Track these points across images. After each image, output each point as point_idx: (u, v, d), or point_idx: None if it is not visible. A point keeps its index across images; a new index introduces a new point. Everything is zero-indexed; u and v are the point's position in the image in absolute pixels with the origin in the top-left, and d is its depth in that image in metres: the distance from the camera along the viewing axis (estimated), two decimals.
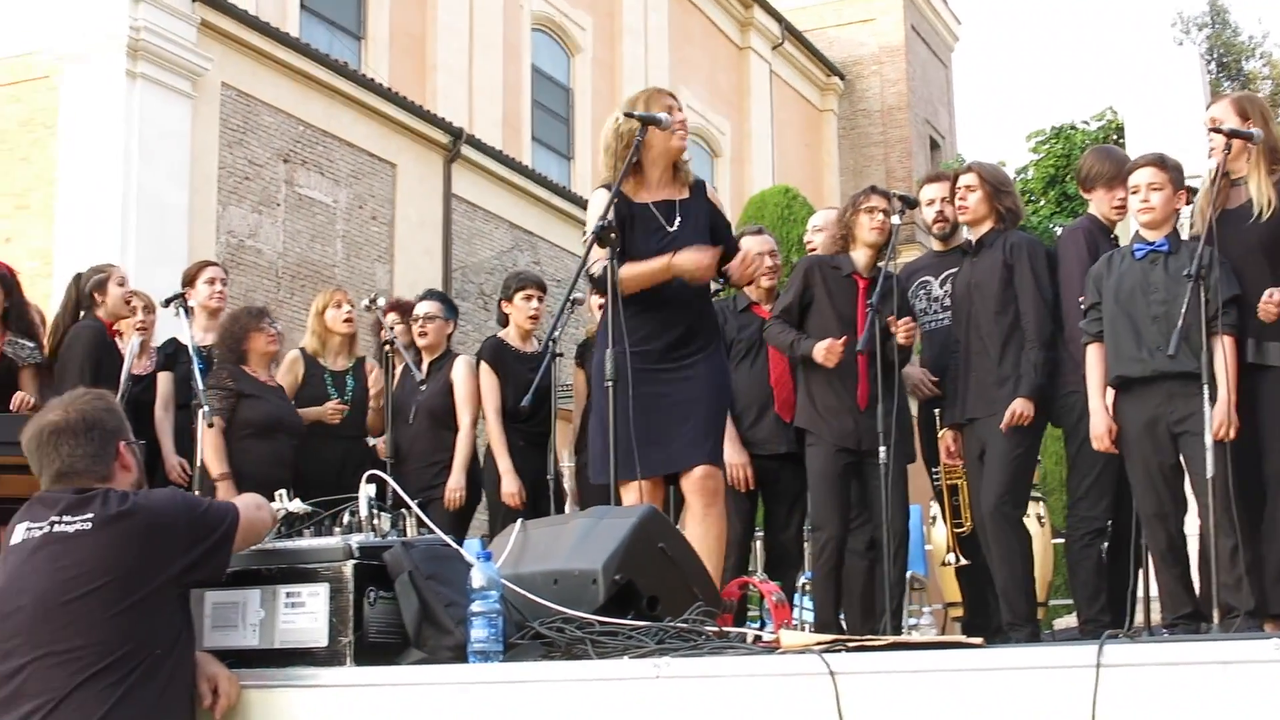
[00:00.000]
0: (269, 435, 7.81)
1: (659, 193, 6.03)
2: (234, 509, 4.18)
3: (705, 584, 4.63)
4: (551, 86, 27.33)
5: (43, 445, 4.08)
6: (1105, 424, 6.14)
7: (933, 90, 39.47)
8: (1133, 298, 6.11)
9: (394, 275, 20.41)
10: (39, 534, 3.96)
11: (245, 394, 7.80)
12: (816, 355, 6.71)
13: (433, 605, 4.16)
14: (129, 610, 3.85)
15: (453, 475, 7.97)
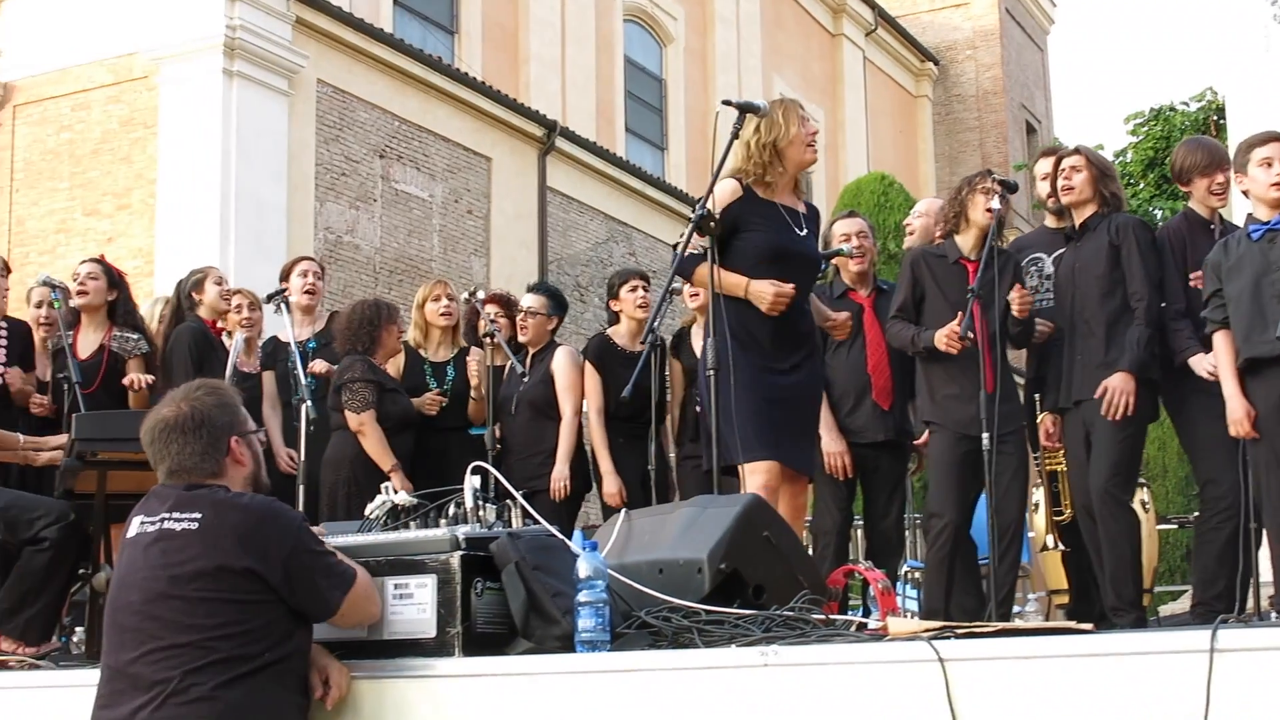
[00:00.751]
0: (401, 430, 7.87)
1: (784, 199, 6.23)
2: (354, 573, 4.14)
3: (811, 572, 4.62)
4: (644, 77, 27.35)
5: (155, 441, 4.14)
6: (1243, 408, 6.01)
7: (1028, 74, 39.13)
8: (1255, 279, 6.02)
9: (490, 268, 20.50)
10: (151, 529, 4.01)
11: (386, 387, 7.86)
12: (938, 344, 6.65)
13: (539, 595, 4.17)
14: (235, 608, 3.89)
15: (557, 465, 7.98)
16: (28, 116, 18.29)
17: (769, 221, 6.09)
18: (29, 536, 5.99)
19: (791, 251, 6.13)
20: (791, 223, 6.15)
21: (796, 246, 6.17)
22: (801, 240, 6.19)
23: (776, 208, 6.13)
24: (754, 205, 6.09)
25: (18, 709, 4.93)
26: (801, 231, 6.19)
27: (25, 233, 17.87)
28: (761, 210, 6.10)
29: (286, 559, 3.96)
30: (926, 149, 36.61)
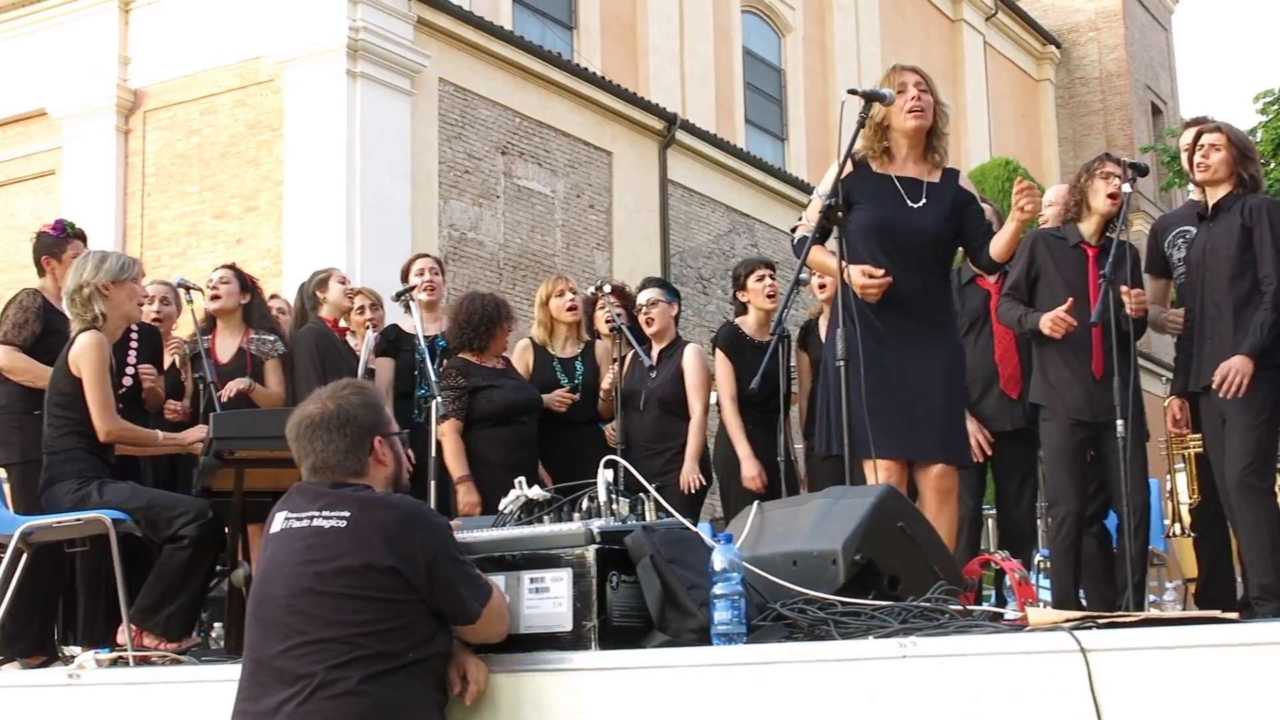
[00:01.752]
0: (508, 421, 7.91)
1: (906, 170, 6.04)
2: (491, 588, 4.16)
3: (947, 563, 4.59)
4: (763, 67, 27.30)
5: (300, 438, 4.19)
6: None
7: (1152, 55, 38.54)
8: None
9: (613, 263, 20.56)
10: (299, 525, 4.06)
11: (478, 387, 7.90)
12: (1044, 327, 6.58)
13: (675, 588, 4.17)
14: (380, 606, 3.93)
15: (687, 462, 7.98)
16: (158, 122, 18.61)
17: (878, 196, 5.97)
18: (169, 535, 6.11)
19: (895, 226, 5.94)
20: (907, 194, 5.96)
21: (902, 220, 5.95)
22: (912, 213, 5.95)
23: (890, 180, 5.98)
24: (864, 180, 5.99)
25: (161, 703, 5.03)
26: (917, 203, 5.96)
27: (157, 236, 18.18)
28: (872, 185, 5.99)
29: (431, 563, 3.99)
30: (1050, 133, 36.19)
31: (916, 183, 5.99)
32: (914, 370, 5.85)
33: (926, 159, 6.04)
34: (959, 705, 3.54)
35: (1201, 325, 6.59)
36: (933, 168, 6.05)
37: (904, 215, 5.95)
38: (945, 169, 6.08)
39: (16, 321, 7.07)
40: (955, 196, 6.02)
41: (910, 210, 5.95)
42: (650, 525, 4.41)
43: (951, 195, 6.02)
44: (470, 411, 7.82)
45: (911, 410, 5.82)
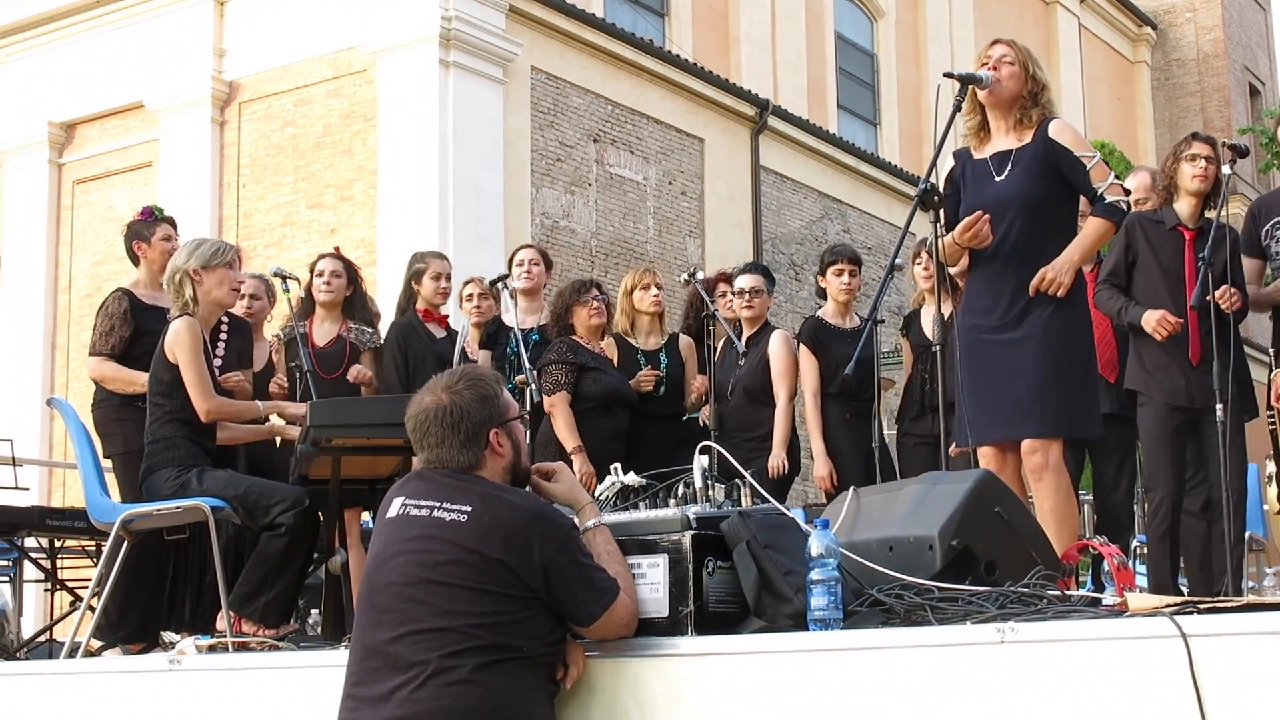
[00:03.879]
0: (609, 410, 7.95)
1: (1000, 144, 5.93)
2: (617, 590, 4.12)
3: (1044, 548, 4.56)
4: (855, 52, 27.16)
5: (417, 429, 4.20)
6: None
7: (1250, 35, 37.98)
8: None
9: (705, 249, 20.56)
10: (419, 514, 4.06)
11: (587, 366, 7.96)
12: (1147, 326, 6.52)
13: (771, 574, 4.17)
14: (496, 599, 3.93)
15: (774, 449, 8.01)
16: (252, 113, 18.79)
17: (973, 181, 5.94)
18: (267, 523, 6.18)
19: (977, 206, 5.84)
20: (995, 170, 5.88)
21: (985, 196, 5.86)
22: (995, 186, 5.86)
23: (984, 163, 5.92)
24: (966, 169, 5.98)
25: (261, 689, 5.09)
26: (1002, 174, 5.86)
27: (252, 226, 18.37)
28: (970, 172, 5.96)
29: (548, 564, 3.98)
30: (1145, 115, 35.76)
31: (1006, 154, 5.90)
32: (1007, 348, 5.77)
33: (1021, 125, 5.91)
34: (1058, 691, 3.53)
35: None
36: (1026, 131, 5.90)
37: (988, 191, 5.88)
38: (1042, 123, 5.88)
39: (103, 330, 7.15)
40: (1046, 151, 5.81)
41: (994, 185, 5.88)
42: (746, 511, 4.41)
43: (1042, 151, 5.82)
44: (577, 389, 7.88)
45: (1001, 391, 5.76)
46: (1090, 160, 5.75)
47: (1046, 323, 5.73)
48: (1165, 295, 6.63)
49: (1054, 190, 5.81)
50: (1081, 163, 5.78)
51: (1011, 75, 5.87)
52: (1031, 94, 5.88)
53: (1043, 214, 5.81)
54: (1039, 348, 5.72)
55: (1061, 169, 5.79)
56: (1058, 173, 5.80)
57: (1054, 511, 5.66)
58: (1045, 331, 5.74)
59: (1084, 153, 5.80)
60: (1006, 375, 5.74)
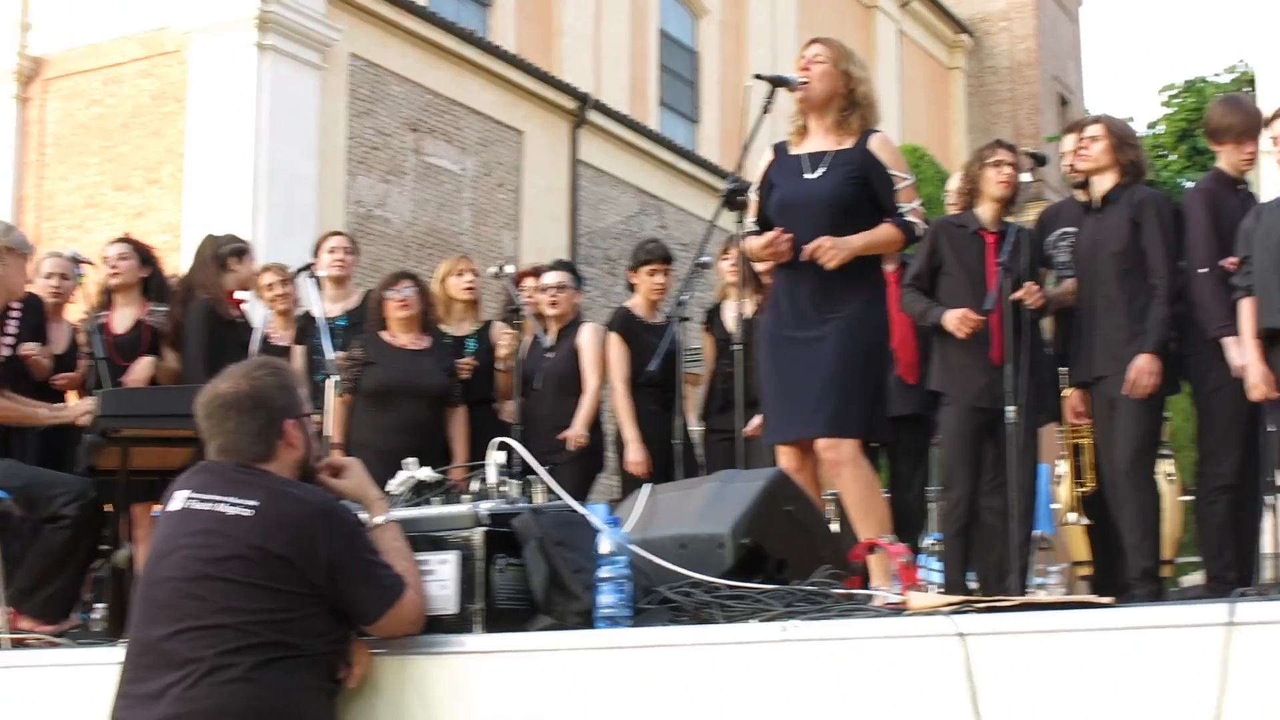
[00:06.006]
0: (389, 402, 7.86)
1: (816, 143, 5.90)
2: (402, 587, 4.06)
3: (833, 546, 4.62)
4: (678, 49, 27.29)
5: (211, 416, 4.08)
6: (1261, 372, 6.04)
7: (1061, 46, 38.90)
8: (1278, 249, 6.02)
9: (521, 242, 20.52)
10: (201, 508, 3.96)
11: (369, 362, 7.88)
12: (948, 324, 6.62)
13: (561, 571, 4.17)
14: (276, 596, 3.85)
15: (575, 425, 8.02)
16: (58, 91, 18.35)
17: (784, 177, 5.91)
18: (48, 514, 6.00)
19: (789, 200, 5.85)
20: (808, 167, 5.85)
21: (796, 194, 5.84)
22: (806, 184, 5.83)
23: (797, 159, 5.89)
24: (779, 164, 5.95)
25: (37, 687, 4.94)
26: (815, 173, 5.83)
27: (54, 208, 17.93)
28: (783, 167, 5.94)
29: (333, 561, 3.91)
30: (959, 121, 36.43)
31: (821, 154, 5.86)
32: (804, 347, 5.75)
33: (841, 128, 5.87)
34: (838, 688, 3.57)
35: (1092, 317, 6.66)
36: (848, 135, 5.86)
37: (797, 188, 5.85)
38: (865, 133, 5.85)
39: None
40: (863, 161, 5.80)
41: (804, 183, 5.85)
42: (539, 508, 4.39)
43: (859, 159, 5.80)
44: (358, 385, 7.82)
45: (797, 389, 5.75)
46: (902, 181, 5.80)
47: (843, 323, 5.73)
48: (968, 298, 6.72)
49: (863, 198, 5.80)
50: (893, 181, 5.80)
51: (823, 75, 5.84)
52: (848, 93, 5.85)
53: (846, 218, 5.75)
54: (835, 348, 5.70)
55: (872, 179, 5.79)
56: (867, 182, 5.79)
57: (857, 505, 5.69)
58: (841, 332, 5.72)
59: (898, 172, 5.84)
60: (802, 374, 5.74)
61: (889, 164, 5.82)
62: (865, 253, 5.75)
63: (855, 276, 5.76)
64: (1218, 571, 6.49)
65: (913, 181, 5.91)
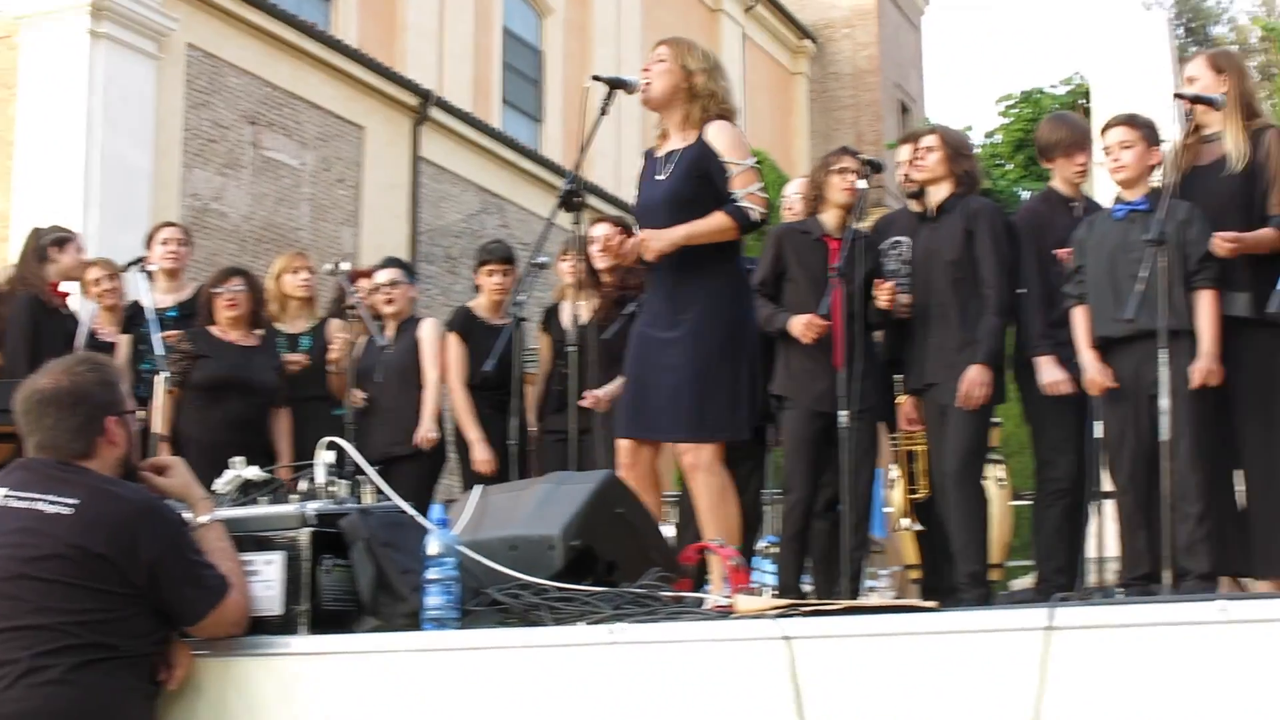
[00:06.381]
0: (219, 397, 7.77)
1: (674, 143, 5.89)
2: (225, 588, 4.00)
3: (664, 549, 4.63)
4: (522, 48, 27.22)
5: (30, 412, 3.99)
6: (1097, 369, 6.16)
7: (903, 54, 39.44)
8: (1113, 258, 6.17)
9: (360, 239, 20.33)
10: (19, 507, 3.87)
11: (200, 355, 7.76)
12: (794, 330, 6.66)
13: (388, 572, 4.14)
14: (94, 596, 3.78)
15: (424, 420, 7.99)
16: None
17: (644, 182, 5.96)
18: None
19: (642, 207, 5.90)
20: (661, 169, 5.87)
21: (647, 198, 5.89)
22: (653, 186, 5.87)
23: (656, 163, 5.92)
24: (644, 169, 5.97)
25: None
26: (659, 176, 5.86)
27: None
28: (646, 172, 5.96)
29: (154, 561, 3.84)
30: (802, 126, 36.78)
31: (672, 153, 5.87)
32: (661, 347, 5.77)
33: (687, 124, 5.86)
34: (666, 691, 3.58)
35: (925, 324, 6.75)
36: (693, 130, 5.85)
37: (650, 192, 5.90)
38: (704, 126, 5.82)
39: None
40: (700, 153, 5.77)
41: (655, 185, 5.88)
42: (367, 508, 4.36)
43: (696, 153, 5.78)
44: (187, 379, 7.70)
45: (649, 388, 5.78)
46: (736, 167, 5.72)
47: (692, 325, 5.72)
48: (813, 304, 6.76)
49: (704, 192, 5.73)
50: (726, 168, 5.75)
51: (662, 74, 5.84)
52: (689, 91, 5.82)
53: (689, 215, 5.71)
54: (687, 350, 5.71)
55: (711, 171, 5.73)
56: (708, 176, 5.74)
57: (707, 511, 5.70)
58: (692, 334, 5.72)
59: (733, 159, 5.75)
60: (656, 374, 5.77)
61: (723, 151, 5.76)
62: (693, 243, 5.69)
63: (703, 276, 5.76)
64: (1048, 575, 6.62)
65: (750, 165, 5.79)
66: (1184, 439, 5.75)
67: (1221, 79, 6.21)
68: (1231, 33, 40.36)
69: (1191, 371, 5.85)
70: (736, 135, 5.83)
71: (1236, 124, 6.15)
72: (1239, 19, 40.60)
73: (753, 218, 5.72)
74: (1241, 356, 6.02)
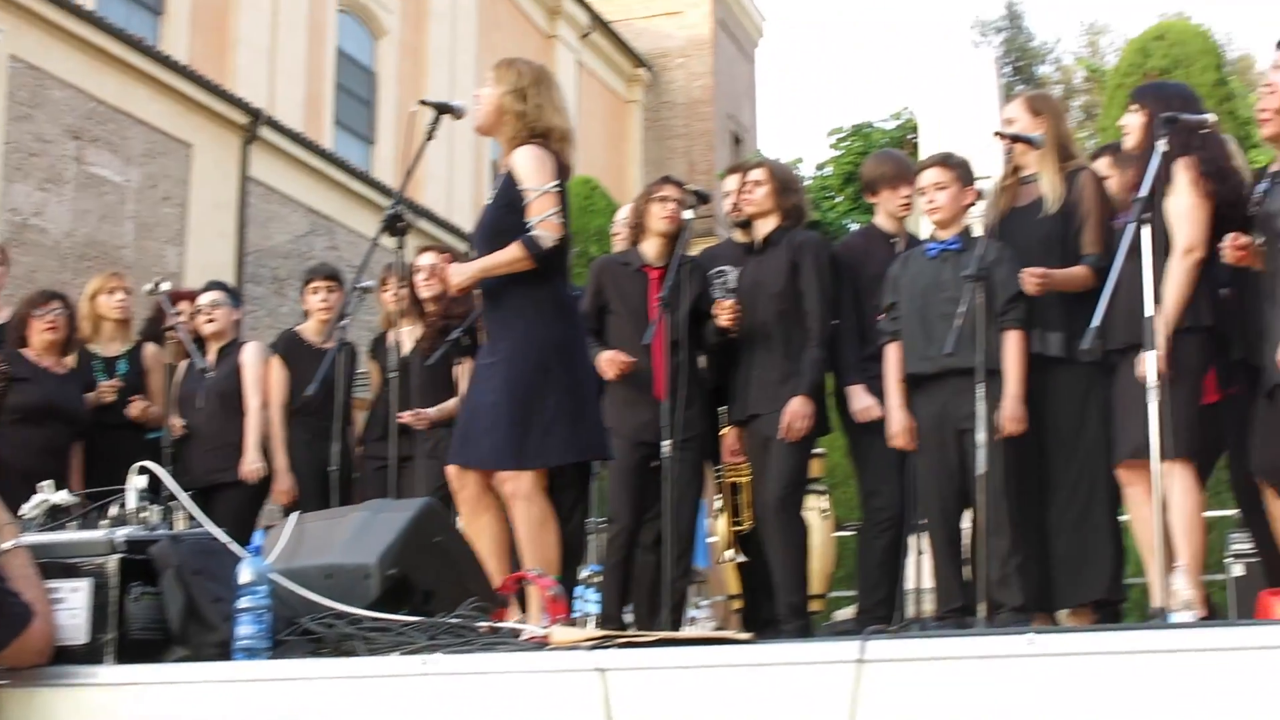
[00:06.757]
0: (40, 422, 7.60)
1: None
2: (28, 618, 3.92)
3: (481, 579, 4.60)
4: (356, 69, 27.02)
5: None
6: (901, 421, 6.29)
7: (737, 85, 39.83)
8: (925, 296, 6.28)
9: (186, 258, 19.99)
10: None
11: (18, 378, 7.58)
12: (600, 365, 6.67)
13: (198, 601, 4.08)
14: None
15: (248, 452, 7.87)
16: None
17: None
18: None
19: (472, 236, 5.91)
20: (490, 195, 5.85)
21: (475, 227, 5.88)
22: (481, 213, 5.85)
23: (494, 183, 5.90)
24: None
25: None
26: (487, 200, 5.82)
27: None
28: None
29: None
30: (635, 154, 36.95)
31: (498, 179, 5.81)
32: (483, 376, 5.73)
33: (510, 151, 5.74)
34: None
35: (750, 356, 6.80)
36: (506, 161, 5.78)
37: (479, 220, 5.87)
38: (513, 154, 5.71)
39: None
40: (505, 179, 5.67)
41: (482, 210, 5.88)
42: (179, 535, 4.29)
43: (504, 179, 5.68)
44: (4, 401, 7.51)
45: (471, 414, 5.74)
46: (532, 194, 5.57)
47: (505, 354, 5.64)
48: (634, 335, 6.76)
49: (512, 221, 5.62)
50: (523, 195, 5.60)
51: (487, 99, 5.76)
52: (514, 113, 5.71)
53: (501, 243, 5.63)
54: (500, 380, 5.63)
55: (514, 200, 5.62)
56: (514, 203, 5.62)
57: (525, 540, 5.60)
58: (505, 363, 5.64)
59: (529, 185, 5.60)
60: (478, 401, 5.73)
61: (520, 177, 5.62)
62: (490, 275, 5.64)
63: (516, 302, 5.67)
64: (869, 606, 6.70)
65: (546, 190, 5.59)
66: (994, 474, 5.86)
67: (1039, 121, 6.33)
68: (1057, 72, 41.38)
69: (998, 418, 5.97)
70: (535, 159, 5.64)
71: (1052, 166, 6.29)
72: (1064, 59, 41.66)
73: (544, 246, 5.55)
74: (1053, 394, 6.15)
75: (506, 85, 5.73)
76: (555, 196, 5.60)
